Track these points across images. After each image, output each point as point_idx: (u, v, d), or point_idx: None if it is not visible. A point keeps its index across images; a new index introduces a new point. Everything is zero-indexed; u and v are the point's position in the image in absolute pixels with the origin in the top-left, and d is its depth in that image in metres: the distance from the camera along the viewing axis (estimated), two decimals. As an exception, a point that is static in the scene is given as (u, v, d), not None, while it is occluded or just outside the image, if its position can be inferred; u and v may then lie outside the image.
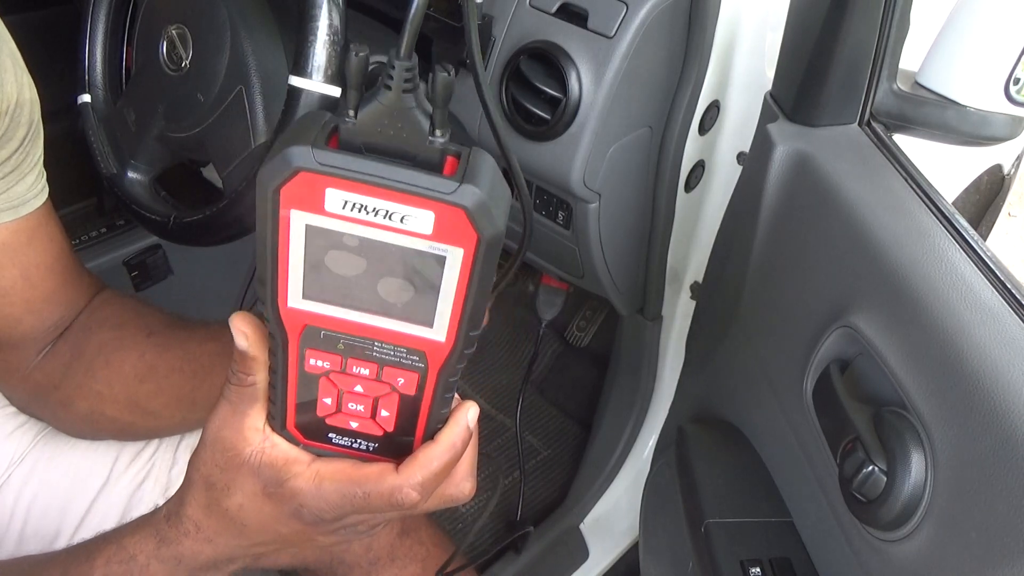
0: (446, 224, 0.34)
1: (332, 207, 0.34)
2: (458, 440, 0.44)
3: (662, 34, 0.74)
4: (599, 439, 1.16)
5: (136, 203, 0.89)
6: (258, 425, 0.44)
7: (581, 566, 1.16)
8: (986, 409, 0.45)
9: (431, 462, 0.43)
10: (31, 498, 0.73)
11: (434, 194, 0.34)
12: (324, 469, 0.44)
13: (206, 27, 0.81)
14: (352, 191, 0.34)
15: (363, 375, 0.41)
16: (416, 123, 0.34)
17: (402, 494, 0.43)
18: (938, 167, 0.67)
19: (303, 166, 0.33)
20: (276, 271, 0.37)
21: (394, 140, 0.34)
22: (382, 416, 0.43)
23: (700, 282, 0.94)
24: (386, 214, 0.34)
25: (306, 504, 0.44)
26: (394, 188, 0.34)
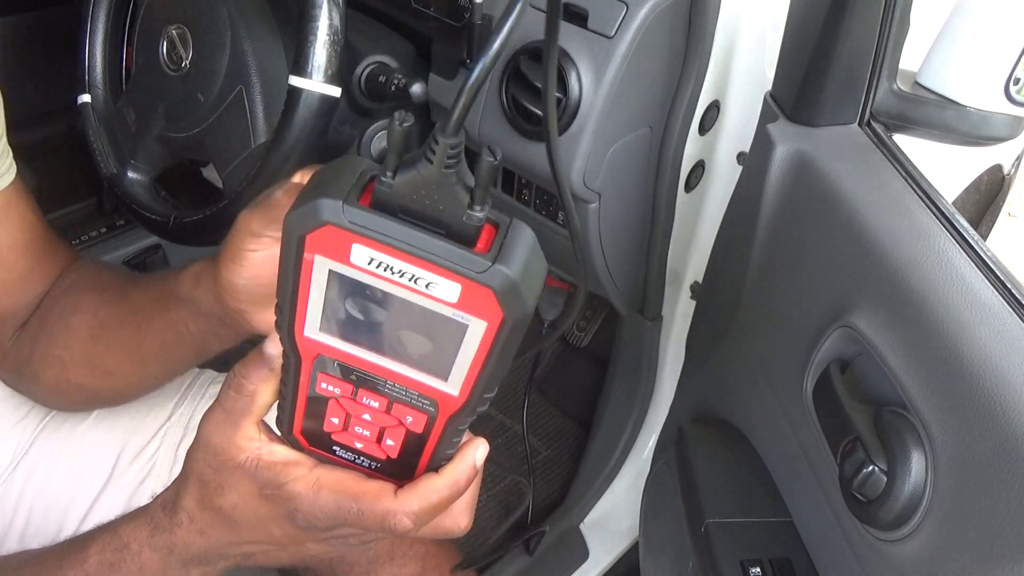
0: (472, 298, 0.34)
1: (358, 260, 0.34)
2: (462, 477, 0.43)
3: (662, 34, 0.73)
4: (599, 439, 1.16)
5: (136, 203, 0.89)
6: (251, 435, 0.44)
7: (581, 566, 1.16)
8: (986, 409, 0.45)
9: (431, 494, 0.43)
10: (33, 497, 0.74)
11: (464, 271, 0.33)
12: (324, 477, 0.43)
13: (206, 27, 0.81)
14: (379, 251, 0.33)
15: (372, 407, 0.41)
16: (455, 197, 0.33)
17: (395, 519, 0.42)
18: (938, 167, 0.67)
19: (332, 220, 0.33)
20: (295, 304, 0.37)
21: (430, 209, 0.33)
22: (387, 444, 0.43)
23: (700, 282, 0.94)
24: (412, 278, 0.33)
25: (301, 509, 0.43)
26: (423, 257, 0.33)
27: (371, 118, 0.86)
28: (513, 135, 0.77)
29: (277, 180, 0.73)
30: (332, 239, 0.33)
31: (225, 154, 0.81)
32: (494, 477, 1.30)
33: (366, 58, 0.82)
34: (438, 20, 0.82)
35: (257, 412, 0.44)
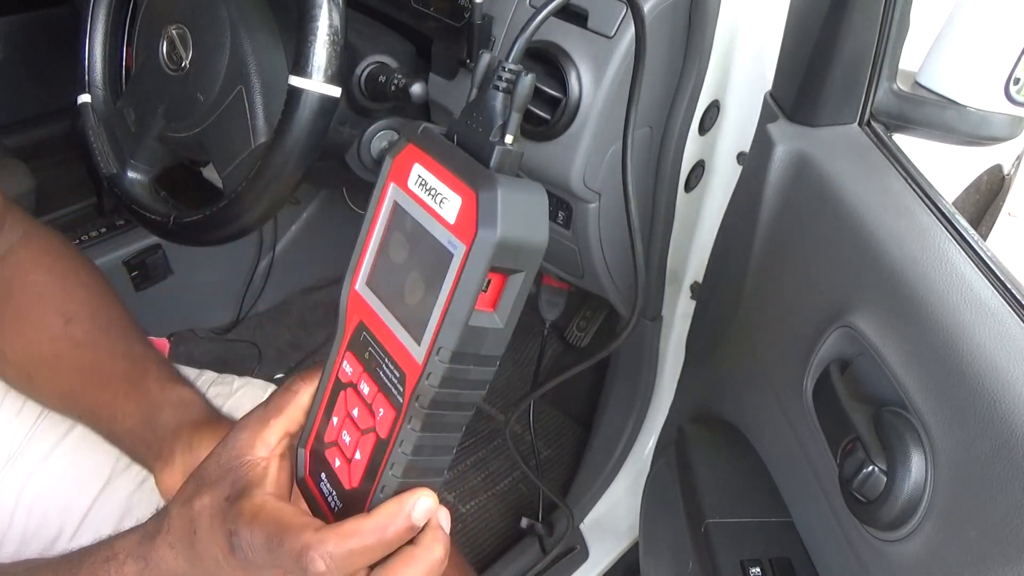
0: (463, 214, 0.34)
1: (412, 183, 0.37)
2: (391, 523, 0.39)
3: (662, 34, 0.74)
4: (599, 439, 1.16)
5: (136, 203, 0.89)
6: (270, 441, 0.43)
7: (581, 566, 1.16)
8: (986, 409, 0.45)
9: (351, 536, 0.38)
10: (32, 497, 0.73)
11: (464, 176, 0.35)
12: (271, 504, 0.41)
13: (206, 27, 0.81)
14: (424, 165, 0.36)
15: (363, 395, 0.40)
16: (489, 121, 0.36)
17: (308, 558, 0.38)
18: (938, 167, 0.67)
19: (411, 139, 0.37)
20: (362, 249, 0.39)
21: (472, 133, 0.36)
22: (355, 461, 0.41)
23: (700, 282, 0.94)
24: (435, 194, 0.36)
25: (238, 531, 0.41)
26: (444, 166, 0.35)
27: (371, 118, 0.86)
28: (513, 135, 0.77)
29: (277, 180, 0.74)
30: (406, 162, 0.37)
31: (225, 154, 0.81)
32: (494, 477, 1.30)
33: (366, 58, 0.82)
34: (438, 20, 0.82)
35: (290, 412, 0.44)
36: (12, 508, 0.72)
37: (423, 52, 0.87)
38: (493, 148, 0.35)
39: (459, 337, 0.36)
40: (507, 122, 0.36)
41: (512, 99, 0.36)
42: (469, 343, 0.36)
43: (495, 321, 0.36)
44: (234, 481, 0.43)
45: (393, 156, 0.37)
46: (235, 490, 0.43)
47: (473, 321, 0.35)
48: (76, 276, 0.71)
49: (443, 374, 0.36)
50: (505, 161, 0.36)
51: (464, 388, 0.38)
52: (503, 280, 0.36)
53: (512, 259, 0.34)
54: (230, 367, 1.44)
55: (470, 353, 0.36)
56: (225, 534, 0.42)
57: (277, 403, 0.44)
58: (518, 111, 0.36)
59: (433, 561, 0.40)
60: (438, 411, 0.38)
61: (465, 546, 1.21)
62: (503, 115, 0.36)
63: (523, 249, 0.34)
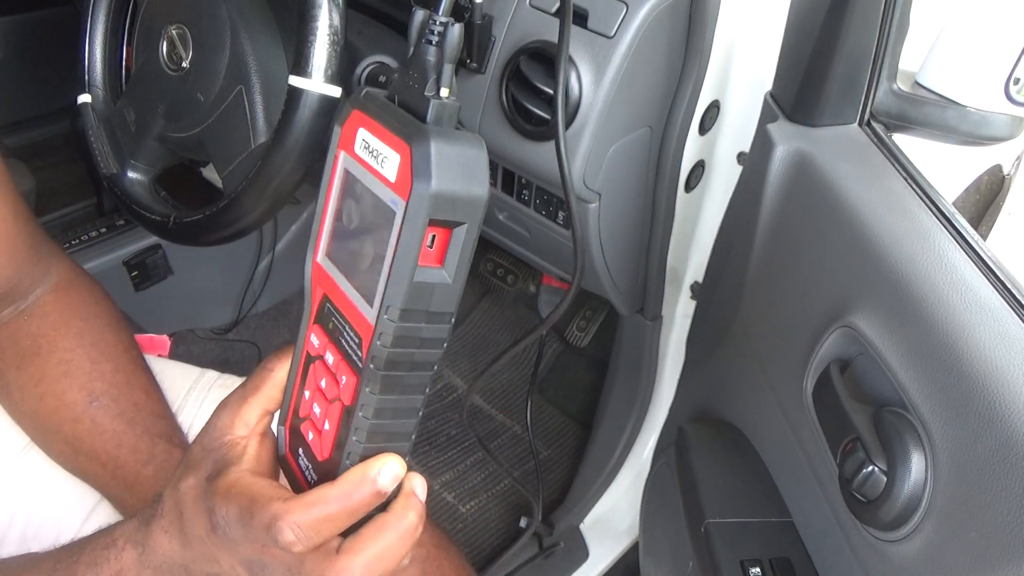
0: (401, 170, 0.34)
1: (358, 148, 0.36)
2: (356, 490, 0.39)
3: (662, 34, 0.73)
4: (599, 439, 1.16)
5: (136, 203, 0.89)
6: (248, 420, 0.44)
7: (581, 566, 1.16)
8: (986, 409, 0.45)
9: (316, 503, 0.38)
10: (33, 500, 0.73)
11: (400, 131, 0.34)
12: (245, 478, 0.41)
13: (206, 27, 0.81)
14: (366, 128, 0.36)
15: (329, 365, 0.40)
16: (424, 76, 0.36)
17: (276, 528, 0.38)
18: (938, 167, 0.67)
19: (355, 104, 0.37)
20: (321, 219, 0.39)
21: (408, 92, 0.36)
22: (324, 432, 0.41)
23: (700, 282, 0.94)
24: (377, 155, 0.35)
25: (215, 508, 0.41)
26: (384, 125, 0.35)
27: (371, 118, 0.86)
28: (513, 135, 0.77)
29: (277, 180, 0.74)
30: (352, 128, 0.37)
31: (225, 154, 0.81)
32: (494, 477, 1.30)
33: (366, 58, 0.82)
34: (438, 20, 0.82)
35: (267, 391, 0.44)
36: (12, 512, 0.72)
37: (423, 52, 0.87)
38: (428, 102, 0.35)
39: (406, 294, 0.35)
40: (440, 75, 0.36)
41: (443, 51, 0.36)
42: (417, 299, 0.36)
43: (443, 276, 0.36)
44: (215, 461, 0.44)
45: (340, 124, 0.37)
46: (215, 470, 0.43)
47: (419, 277, 0.35)
48: (104, 345, 0.70)
49: (394, 332, 0.36)
50: (443, 114, 0.36)
51: (418, 347, 0.37)
52: (447, 234, 0.35)
53: (450, 210, 0.34)
54: (230, 367, 1.44)
55: (419, 310, 0.36)
56: (206, 512, 0.42)
57: (254, 382, 0.45)
58: (450, 63, 0.36)
59: (406, 528, 0.40)
60: (394, 372, 0.37)
61: (465, 546, 1.21)
62: (436, 68, 0.36)
63: (460, 200, 0.34)
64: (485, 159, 0.35)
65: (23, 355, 0.68)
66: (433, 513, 1.23)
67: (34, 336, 0.68)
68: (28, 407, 0.69)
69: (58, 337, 0.68)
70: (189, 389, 0.81)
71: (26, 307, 0.68)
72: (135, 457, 0.68)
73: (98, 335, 0.70)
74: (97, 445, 0.68)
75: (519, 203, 0.86)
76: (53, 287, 0.70)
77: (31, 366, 0.68)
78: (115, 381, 0.69)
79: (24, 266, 0.68)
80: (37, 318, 0.68)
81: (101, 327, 0.71)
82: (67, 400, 0.68)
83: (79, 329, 0.70)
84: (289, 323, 1.55)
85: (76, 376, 0.68)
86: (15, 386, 0.68)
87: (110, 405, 0.68)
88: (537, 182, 0.83)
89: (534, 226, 0.88)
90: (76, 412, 0.68)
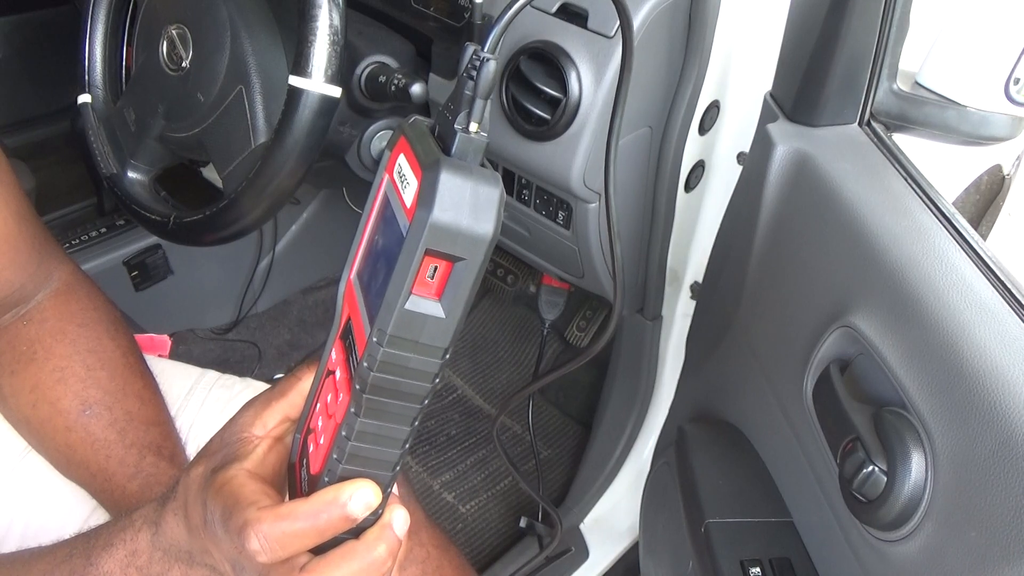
0: (416, 196, 0.35)
1: (395, 172, 0.37)
2: (324, 510, 0.38)
3: (662, 34, 0.74)
4: (599, 439, 1.16)
5: (136, 203, 0.89)
6: (268, 422, 0.45)
7: (581, 566, 1.16)
8: (986, 409, 0.45)
9: (284, 517, 0.38)
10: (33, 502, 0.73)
11: (421, 157, 0.35)
12: (240, 477, 0.41)
13: (206, 27, 0.81)
14: (404, 153, 0.37)
15: (336, 381, 0.40)
16: (458, 109, 0.36)
17: (245, 534, 0.38)
18: (938, 167, 0.67)
19: (403, 129, 0.37)
20: (360, 239, 0.40)
21: (444, 123, 0.37)
22: (320, 446, 0.41)
23: (700, 282, 0.94)
24: (404, 180, 0.36)
25: (208, 499, 0.41)
26: (414, 150, 0.36)
27: (371, 118, 0.86)
28: (513, 135, 0.77)
29: (277, 180, 0.74)
30: (396, 153, 0.37)
31: (225, 154, 0.81)
32: (494, 477, 1.30)
33: (366, 58, 0.82)
34: (438, 20, 0.82)
35: (292, 397, 0.45)
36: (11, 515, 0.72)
37: (423, 52, 0.87)
38: (455, 135, 0.36)
39: (395, 319, 0.35)
40: (472, 109, 0.36)
41: (476, 86, 0.36)
42: (406, 327, 0.35)
43: (436, 309, 0.35)
44: (225, 455, 0.44)
45: (390, 148, 0.38)
46: (222, 463, 0.44)
47: (410, 305, 0.35)
48: (101, 351, 0.70)
49: (380, 357, 0.36)
50: (468, 148, 0.36)
51: (404, 376, 0.37)
52: (449, 268, 0.35)
53: (450, 244, 0.34)
54: (230, 367, 1.44)
55: (408, 339, 0.36)
56: (201, 504, 0.43)
57: (281, 387, 0.46)
58: (482, 97, 0.36)
59: (373, 560, 0.40)
60: (377, 397, 0.37)
61: (465, 546, 1.21)
62: (469, 103, 0.36)
63: (463, 235, 0.34)
64: (499, 198, 0.35)
65: (18, 360, 0.67)
66: (433, 513, 1.23)
67: (31, 341, 0.68)
68: (22, 414, 0.69)
69: (54, 343, 0.68)
70: (190, 389, 0.81)
71: (26, 312, 0.68)
72: (122, 470, 0.67)
73: (95, 341, 0.70)
74: (88, 455, 0.68)
75: (519, 203, 0.86)
76: (53, 292, 0.70)
77: (26, 372, 0.67)
78: (110, 389, 0.69)
79: (27, 271, 0.67)
80: (35, 323, 0.68)
81: (99, 333, 0.71)
82: (61, 408, 0.67)
83: (76, 335, 0.69)
84: (289, 323, 1.55)
85: (71, 383, 0.68)
86: (9, 392, 0.68)
87: (103, 413, 0.68)
88: (537, 182, 0.83)
89: (534, 226, 0.88)
90: (69, 420, 0.67)
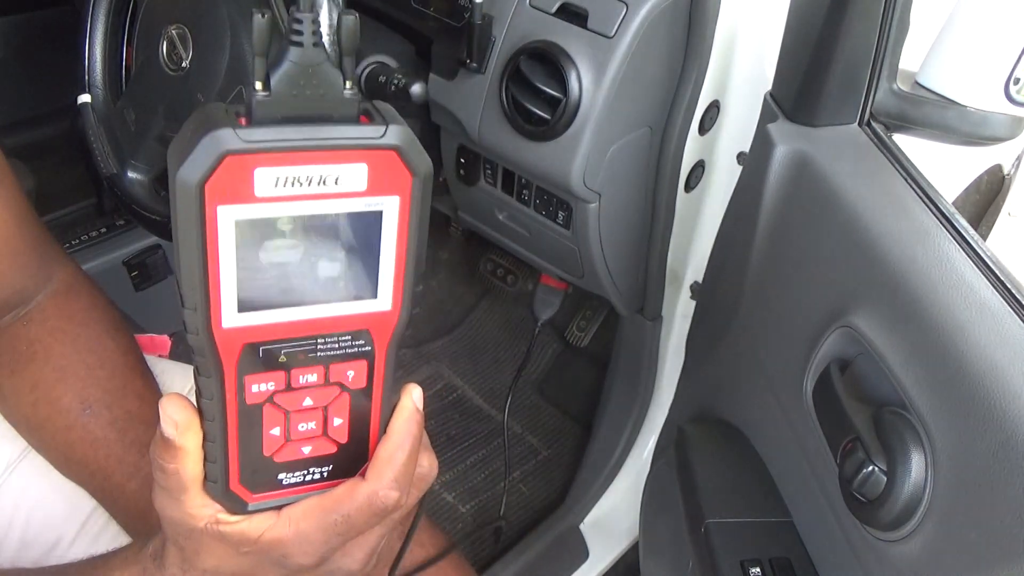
0: (379, 173, 0.34)
1: (263, 190, 0.32)
2: (413, 425, 0.42)
3: (662, 34, 0.74)
4: (599, 439, 1.16)
5: (136, 203, 0.89)
6: (200, 502, 0.41)
7: (581, 566, 1.16)
8: (986, 409, 0.45)
9: (395, 455, 0.41)
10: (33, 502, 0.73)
11: (366, 142, 0.33)
12: (294, 512, 0.41)
13: (206, 27, 0.81)
14: (284, 164, 0.32)
15: (311, 383, 0.39)
16: (329, 77, 0.33)
17: (379, 497, 0.41)
18: (938, 167, 0.67)
19: (231, 148, 0.31)
20: (207, 287, 0.34)
21: (310, 102, 0.33)
22: (335, 427, 0.41)
23: (700, 282, 0.94)
24: (320, 180, 0.33)
25: (289, 552, 0.41)
26: (327, 147, 0.32)
27: (371, 118, 0.86)
28: (513, 135, 0.77)
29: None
30: (232, 176, 0.31)
31: (225, 154, 0.81)
32: (494, 477, 1.30)
33: (366, 58, 0.82)
34: (438, 20, 0.82)
35: (192, 483, 0.41)
36: (11, 514, 0.72)
37: (423, 52, 0.87)
38: (355, 99, 0.34)
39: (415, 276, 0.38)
40: (343, 68, 0.33)
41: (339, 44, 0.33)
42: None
43: None
44: (223, 539, 0.42)
45: (201, 182, 0.31)
46: (238, 541, 0.42)
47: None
48: (102, 351, 0.70)
49: (413, 303, 0.39)
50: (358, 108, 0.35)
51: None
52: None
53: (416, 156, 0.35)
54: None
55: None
56: (270, 562, 0.42)
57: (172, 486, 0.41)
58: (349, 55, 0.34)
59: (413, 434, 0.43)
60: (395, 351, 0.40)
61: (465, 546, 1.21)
62: (334, 64, 0.33)
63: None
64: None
65: (19, 360, 0.67)
66: (433, 513, 1.23)
67: (31, 341, 0.68)
68: (22, 413, 0.69)
69: (55, 343, 0.68)
70: (190, 389, 0.81)
71: (26, 312, 0.68)
72: (121, 469, 0.67)
73: (96, 341, 0.70)
74: (88, 454, 0.67)
75: (519, 203, 0.86)
76: (54, 292, 0.70)
77: (26, 371, 0.67)
78: (110, 388, 0.69)
79: (28, 272, 0.67)
80: (36, 323, 0.68)
81: (99, 333, 0.71)
82: (61, 407, 0.67)
83: (77, 335, 0.69)
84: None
85: (71, 382, 0.68)
86: (9, 391, 0.68)
87: (103, 412, 0.68)
88: (537, 182, 0.83)
89: (534, 226, 0.88)
90: (69, 419, 0.67)
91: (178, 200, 0.32)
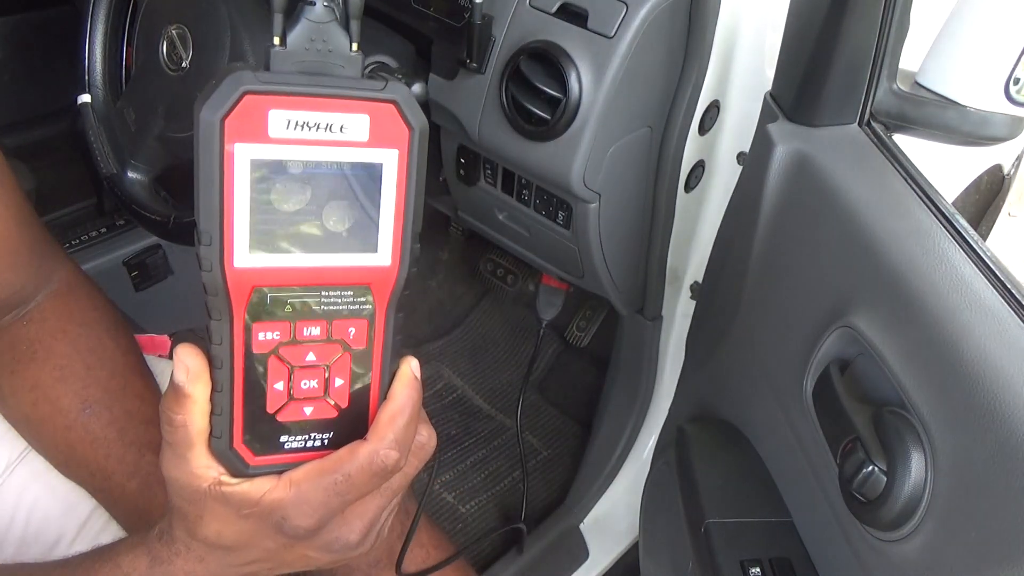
0: (380, 125, 0.37)
1: (275, 131, 0.36)
2: (413, 391, 0.44)
3: (662, 34, 0.74)
4: (599, 439, 1.16)
5: (136, 203, 0.89)
6: (205, 463, 0.42)
7: (581, 566, 1.16)
8: (986, 409, 0.45)
9: (396, 417, 0.43)
10: (33, 501, 0.73)
11: (368, 94, 0.37)
12: (295, 473, 0.43)
13: (206, 27, 0.81)
14: (295, 108, 0.36)
15: (314, 336, 0.41)
16: (338, 37, 0.37)
17: (380, 457, 0.42)
18: (938, 167, 0.67)
19: (249, 88, 0.35)
20: (223, 221, 0.37)
21: (320, 56, 0.37)
22: (336, 388, 0.42)
23: (700, 282, 0.94)
24: (327, 126, 0.36)
25: (289, 515, 0.42)
26: (333, 95, 0.36)
27: (371, 118, 0.86)
28: (513, 135, 0.77)
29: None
30: (249, 115, 0.35)
31: (225, 154, 0.81)
32: (494, 477, 1.30)
33: (366, 58, 0.82)
34: (438, 20, 0.82)
35: (198, 437, 0.42)
36: (12, 512, 0.72)
37: (423, 52, 0.87)
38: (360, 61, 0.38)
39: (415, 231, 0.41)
40: (350, 30, 0.38)
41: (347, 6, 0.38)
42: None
43: None
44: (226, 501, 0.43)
45: (221, 117, 0.35)
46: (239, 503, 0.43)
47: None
48: (102, 351, 0.70)
49: (412, 260, 0.41)
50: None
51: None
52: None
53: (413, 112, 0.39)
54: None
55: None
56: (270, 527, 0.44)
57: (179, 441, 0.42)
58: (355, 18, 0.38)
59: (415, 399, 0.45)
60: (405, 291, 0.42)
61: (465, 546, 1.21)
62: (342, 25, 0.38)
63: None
64: None
65: (19, 360, 0.67)
66: (433, 513, 1.23)
67: (31, 341, 0.68)
68: (22, 413, 0.69)
69: (55, 343, 0.68)
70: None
71: (26, 312, 0.68)
72: (122, 468, 0.67)
73: (96, 341, 0.70)
74: (88, 454, 0.68)
75: (519, 203, 0.86)
76: (54, 292, 0.70)
77: (26, 371, 0.67)
78: (110, 387, 0.69)
79: (28, 272, 0.67)
80: (36, 323, 0.68)
81: (100, 333, 0.71)
82: (61, 407, 0.67)
83: (76, 335, 0.69)
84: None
85: (71, 382, 0.68)
86: (9, 391, 0.68)
87: (103, 412, 0.68)
88: (537, 182, 0.83)
89: (534, 226, 0.88)
90: (69, 419, 0.67)
91: (201, 137, 0.35)
